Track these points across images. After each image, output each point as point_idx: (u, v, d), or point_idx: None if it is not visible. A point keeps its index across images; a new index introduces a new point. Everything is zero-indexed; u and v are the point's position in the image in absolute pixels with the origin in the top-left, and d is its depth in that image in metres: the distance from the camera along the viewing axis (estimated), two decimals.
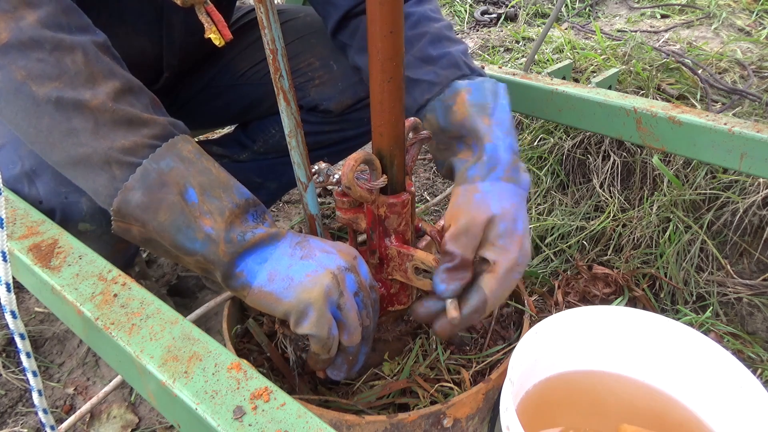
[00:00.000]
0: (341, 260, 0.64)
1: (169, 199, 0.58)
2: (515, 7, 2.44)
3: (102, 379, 1.17)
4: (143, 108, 0.62)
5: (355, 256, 0.67)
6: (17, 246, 0.66)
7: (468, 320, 0.66)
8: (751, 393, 0.66)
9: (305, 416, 0.45)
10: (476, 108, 0.72)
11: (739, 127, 0.88)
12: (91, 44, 0.62)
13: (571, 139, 1.46)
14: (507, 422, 0.59)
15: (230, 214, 0.60)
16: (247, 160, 1.17)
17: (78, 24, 0.63)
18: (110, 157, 0.58)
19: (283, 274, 0.61)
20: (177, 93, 1.16)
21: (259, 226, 0.63)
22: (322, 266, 0.62)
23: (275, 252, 0.62)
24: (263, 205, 0.66)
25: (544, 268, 1.31)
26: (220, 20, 0.74)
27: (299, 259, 0.62)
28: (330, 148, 1.13)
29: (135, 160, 0.58)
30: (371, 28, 0.54)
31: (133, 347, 0.52)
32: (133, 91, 0.62)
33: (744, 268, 1.16)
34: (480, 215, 0.65)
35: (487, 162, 0.68)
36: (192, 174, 0.60)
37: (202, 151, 0.63)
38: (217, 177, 0.62)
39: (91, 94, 0.59)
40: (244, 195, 0.63)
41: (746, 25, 1.85)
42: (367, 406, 0.73)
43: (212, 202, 0.59)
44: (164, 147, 0.60)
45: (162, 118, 0.62)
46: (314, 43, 1.07)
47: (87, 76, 0.60)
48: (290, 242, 0.64)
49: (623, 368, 0.78)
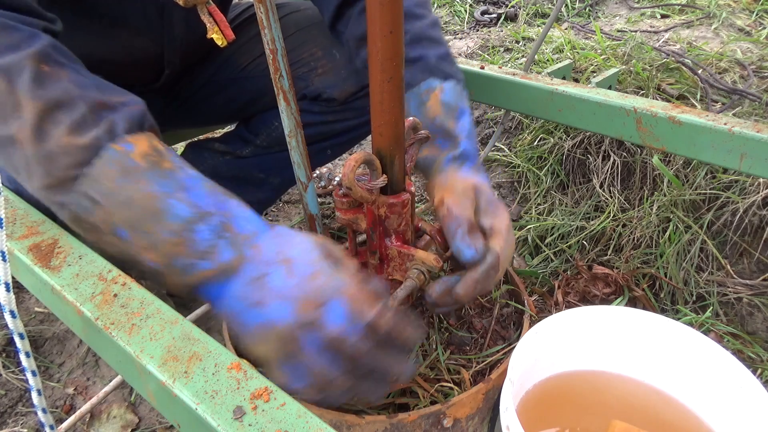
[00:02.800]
0: (296, 316, 0.51)
1: (106, 239, 0.55)
2: (515, 7, 2.44)
3: (102, 379, 1.17)
4: (70, 125, 0.54)
5: (322, 303, 0.51)
6: (17, 246, 0.66)
7: (487, 278, 0.66)
8: (751, 393, 0.66)
9: (305, 416, 0.45)
10: (446, 108, 0.77)
11: (739, 127, 0.88)
12: (20, 62, 0.55)
13: (571, 139, 1.46)
14: (507, 422, 0.59)
15: (168, 245, 0.52)
16: (250, 156, 1.17)
17: (8, 42, 0.57)
18: (45, 198, 0.56)
19: (237, 318, 0.53)
20: (178, 90, 1.16)
21: (209, 251, 0.52)
22: (271, 322, 0.51)
23: (227, 291, 0.53)
24: (232, 206, 0.56)
25: (544, 268, 1.31)
26: (222, 20, 0.74)
27: (249, 305, 0.52)
28: (333, 140, 1.13)
29: (61, 200, 0.55)
30: (371, 28, 0.54)
31: (133, 347, 0.52)
32: (62, 106, 0.55)
33: (744, 268, 1.16)
34: (468, 183, 0.72)
35: (459, 156, 0.76)
36: (114, 210, 0.53)
37: (126, 161, 0.53)
38: (144, 205, 0.52)
39: (18, 125, 0.54)
40: (180, 215, 0.52)
41: (746, 25, 1.85)
42: (367, 406, 0.73)
43: (144, 237, 0.53)
44: (78, 185, 0.53)
45: (86, 139, 0.54)
46: (316, 34, 1.07)
47: (12, 106, 0.55)
48: (244, 279, 0.53)
49: (623, 368, 0.78)
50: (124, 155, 0.54)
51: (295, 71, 1.06)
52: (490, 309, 0.89)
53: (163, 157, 0.56)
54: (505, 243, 0.68)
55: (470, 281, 0.66)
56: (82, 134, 0.54)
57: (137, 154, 0.54)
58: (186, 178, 0.55)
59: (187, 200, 0.53)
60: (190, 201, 0.53)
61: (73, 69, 0.59)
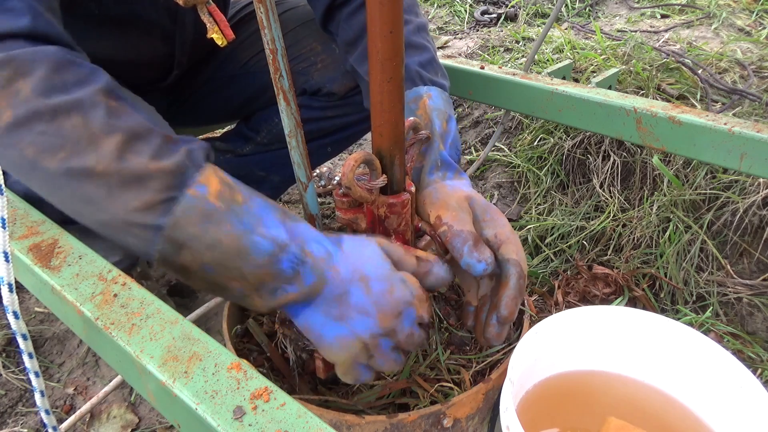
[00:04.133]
0: (377, 327, 0.59)
1: (193, 272, 0.57)
2: (515, 7, 2.44)
3: (102, 379, 1.17)
4: (152, 153, 0.57)
5: (399, 313, 0.60)
6: (17, 246, 0.66)
7: (521, 289, 0.67)
8: (751, 393, 0.66)
9: (305, 416, 0.45)
10: (436, 113, 0.77)
11: (739, 127, 0.88)
12: (91, 98, 0.58)
13: (571, 139, 1.46)
14: (507, 422, 0.59)
15: (254, 276, 0.56)
16: (251, 153, 1.17)
17: (75, 78, 0.58)
18: (128, 221, 0.57)
19: (315, 330, 0.60)
20: (182, 88, 1.17)
21: (295, 277, 0.57)
22: (353, 333, 0.59)
23: (308, 309, 0.59)
24: (303, 230, 0.59)
25: (544, 268, 1.31)
26: (222, 20, 0.74)
27: (332, 319, 0.59)
28: (333, 136, 1.13)
29: (151, 222, 0.56)
30: (371, 28, 0.54)
31: (133, 347, 0.53)
32: (140, 137, 0.57)
33: (744, 268, 1.16)
34: (460, 195, 0.72)
35: (441, 167, 0.76)
36: (201, 252, 0.56)
37: (205, 205, 0.56)
38: (229, 245, 0.55)
39: (95, 158, 0.56)
40: (263, 251, 0.56)
41: (746, 25, 1.85)
42: (367, 406, 0.73)
43: (232, 272, 0.56)
44: (166, 231, 0.55)
45: (170, 163, 0.56)
46: (315, 29, 1.08)
47: (88, 139, 0.56)
48: (327, 298, 0.59)
49: (623, 368, 0.78)
50: (201, 200, 0.56)
51: (295, 66, 1.07)
52: None
53: (234, 191, 0.58)
54: (516, 246, 0.68)
55: (510, 300, 0.66)
56: (166, 159, 0.56)
57: (212, 195, 0.56)
58: (258, 210, 0.58)
59: (267, 234, 0.57)
60: (269, 235, 0.57)
61: (131, 104, 0.61)
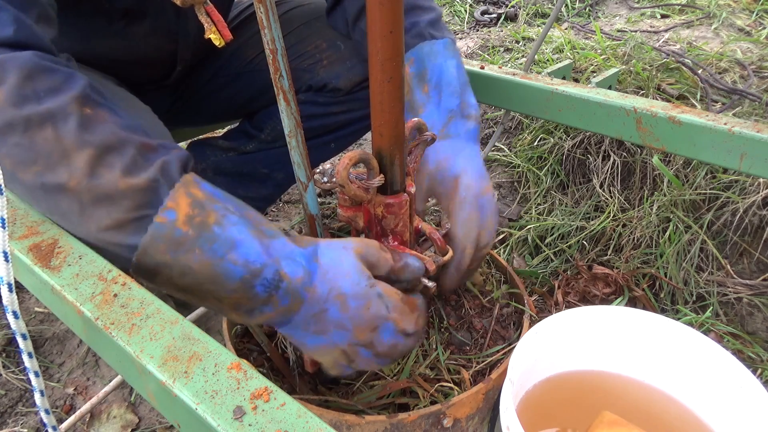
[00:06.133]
0: (354, 339, 0.61)
1: (171, 291, 0.57)
2: (515, 7, 2.44)
3: (102, 379, 1.17)
4: (124, 168, 0.55)
5: (375, 327, 0.61)
6: (17, 246, 0.65)
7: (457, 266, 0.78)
8: (751, 393, 0.66)
9: (305, 416, 0.45)
10: (417, 79, 0.79)
11: (739, 127, 0.88)
12: (63, 108, 0.55)
13: (571, 139, 1.46)
14: (507, 422, 0.59)
15: (229, 299, 0.56)
16: (254, 151, 1.17)
17: (47, 86, 0.56)
18: (101, 239, 0.57)
19: (297, 339, 0.62)
20: (186, 87, 1.17)
21: (270, 299, 0.56)
22: (333, 343, 0.61)
23: (288, 325, 0.60)
24: (278, 247, 0.57)
25: (544, 268, 1.31)
26: (219, 20, 0.74)
27: (312, 333, 0.60)
28: (337, 133, 1.14)
29: (123, 241, 0.55)
30: (371, 28, 0.54)
31: (133, 347, 0.52)
32: (113, 149, 0.55)
33: (744, 268, 1.16)
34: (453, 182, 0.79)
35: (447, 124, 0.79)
36: (174, 277, 0.55)
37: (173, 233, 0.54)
38: (200, 273, 0.54)
39: (67, 174, 0.54)
40: (236, 277, 0.54)
41: (746, 25, 1.85)
42: (367, 406, 0.73)
43: (206, 295, 0.56)
44: (136, 257, 0.54)
45: (141, 180, 0.54)
46: (321, 27, 1.09)
47: (60, 154, 0.55)
48: (304, 316, 0.59)
49: (623, 368, 0.78)
50: (170, 227, 0.54)
51: (301, 63, 1.08)
52: (490, 309, 0.89)
53: (205, 211, 0.55)
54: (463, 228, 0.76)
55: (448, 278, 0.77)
56: (137, 175, 0.55)
57: (181, 221, 0.54)
58: (231, 231, 0.55)
59: (239, 260, 0.55)
60: (242, 260, 0.55)
61: (110, 108, 0.59)
